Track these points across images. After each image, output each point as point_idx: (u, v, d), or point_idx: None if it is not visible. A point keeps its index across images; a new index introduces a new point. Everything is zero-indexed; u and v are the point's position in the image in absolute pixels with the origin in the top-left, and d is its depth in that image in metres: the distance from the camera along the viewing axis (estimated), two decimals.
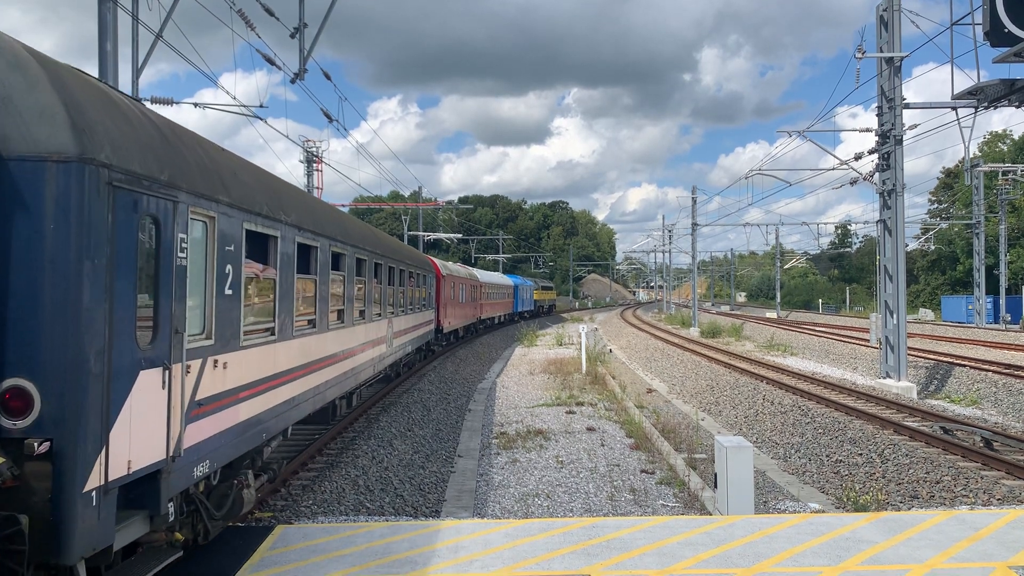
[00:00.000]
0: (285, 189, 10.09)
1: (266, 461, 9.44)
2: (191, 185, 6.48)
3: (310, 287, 10.27)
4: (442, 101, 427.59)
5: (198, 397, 6.58)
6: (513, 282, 62.71)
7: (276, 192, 9.32)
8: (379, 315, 15.78)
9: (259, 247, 8.61)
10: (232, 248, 7.33)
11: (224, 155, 8.03)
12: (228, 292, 7.20)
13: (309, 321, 10.23)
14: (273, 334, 8.59)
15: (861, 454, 14.44)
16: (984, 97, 18.34)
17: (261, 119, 19.01)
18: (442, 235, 74.15)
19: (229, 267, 7.23)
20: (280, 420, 9.04)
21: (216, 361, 6.95)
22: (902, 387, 21.57)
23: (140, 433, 5.68)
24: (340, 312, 12.13)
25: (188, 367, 6.37)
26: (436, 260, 31.54)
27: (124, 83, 13.86)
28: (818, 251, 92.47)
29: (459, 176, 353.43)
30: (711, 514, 10.04)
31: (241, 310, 7.54)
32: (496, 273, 64.86)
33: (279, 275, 8.71)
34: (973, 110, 19.65)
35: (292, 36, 17.63)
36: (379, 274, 15.96)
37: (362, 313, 13.96)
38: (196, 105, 18.87)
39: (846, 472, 13.58)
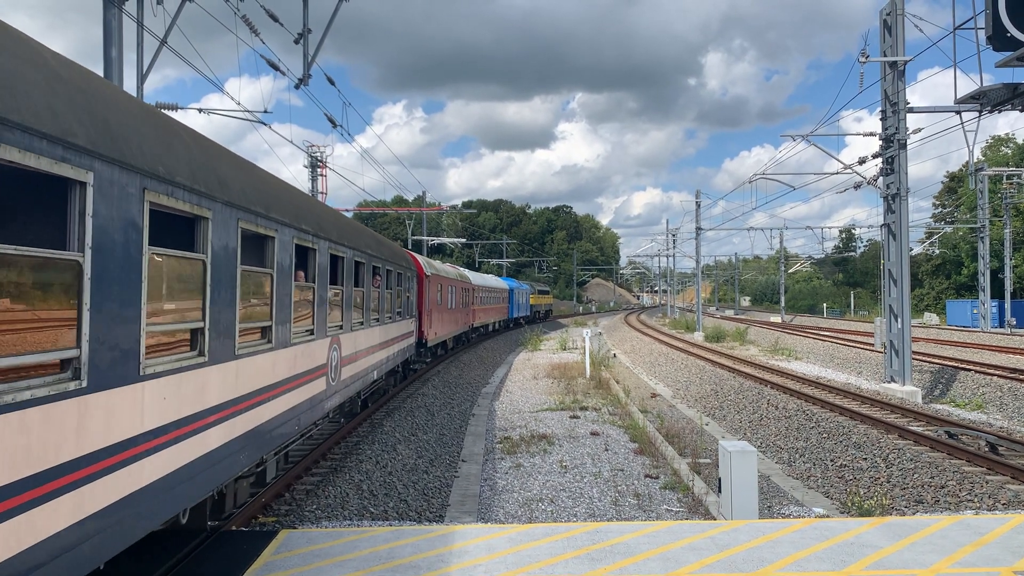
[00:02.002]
0: (54, 62, 4.72)
1: None
2: None
3: (108, 285, 4.97)
4: (447, 106, 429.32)
5: None
6: (508, 285, 59.38)
7: None
8: (312, 334, 10.28)
9: None
10: None
11: None
12: None
13: (124, 354, 5.20)
14: None
15: (866, 458, 14.41)
16: (987, 101, 18.37)
17: (266, 124, 19.09)
18: (446, 240, 74.45)
19: None
20: None
21: None
22: (907, 391, 21.52)
23: None
24: (214, 332, 6.79)
25: None
26: (418, 257, 26.04)
27: (129, 88, 13.93)
28: (822, 255, 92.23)
29: (463, 180, 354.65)
30: (715, 519, 10.03)
31: None
32: (490, 275, 61.66)
33: None
34: (976, 114, 19.66)
35: (296, 42, 17.74)
36: (310, 266, 10.36)
37: (266, 332, 8.41)
38: (201, 111, 18.98)
39: (851, 476, 13.55)
